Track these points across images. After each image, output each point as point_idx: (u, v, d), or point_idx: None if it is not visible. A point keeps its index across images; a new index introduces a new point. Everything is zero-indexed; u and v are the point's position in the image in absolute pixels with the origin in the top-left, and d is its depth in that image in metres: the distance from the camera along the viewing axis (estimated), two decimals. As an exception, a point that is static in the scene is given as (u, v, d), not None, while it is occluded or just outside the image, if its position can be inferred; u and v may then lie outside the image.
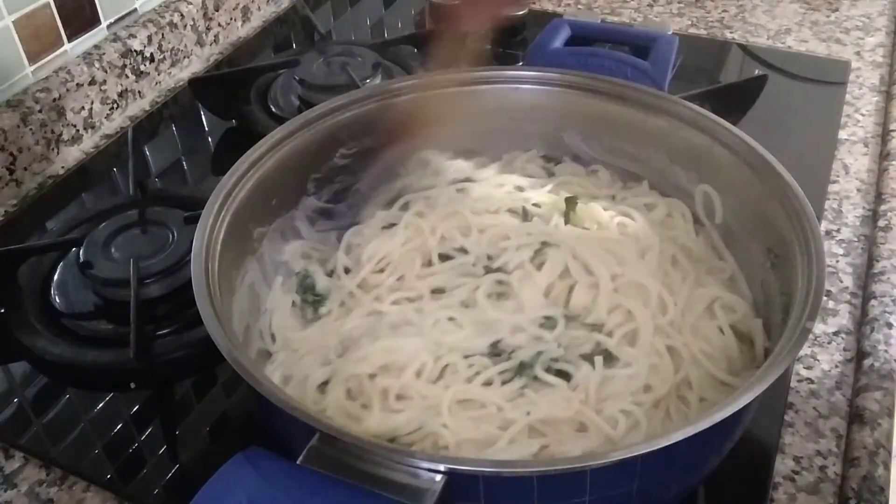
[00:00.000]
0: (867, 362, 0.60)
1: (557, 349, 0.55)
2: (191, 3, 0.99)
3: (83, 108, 0.88)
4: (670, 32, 0.82)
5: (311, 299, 0.62)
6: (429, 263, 0.62)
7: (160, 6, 0.97)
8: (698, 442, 0.43)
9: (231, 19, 1.06)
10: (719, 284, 0.60)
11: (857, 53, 0.97)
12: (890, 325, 0.62)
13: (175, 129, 0.92)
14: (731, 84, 0.87)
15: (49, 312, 0.66)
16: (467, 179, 0.70)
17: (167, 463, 0.57)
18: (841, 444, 0.56)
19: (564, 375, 0.54)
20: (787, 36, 1.01)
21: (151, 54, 0.95)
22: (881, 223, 0.72)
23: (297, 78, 0.89)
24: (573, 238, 0.62)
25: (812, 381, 0.61)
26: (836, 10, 1.06)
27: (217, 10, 1.03)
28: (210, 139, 0.90)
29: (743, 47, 0.99)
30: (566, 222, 0.65)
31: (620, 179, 0.70)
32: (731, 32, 1.02)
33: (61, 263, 0.70)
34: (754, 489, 0.54)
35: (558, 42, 0.86)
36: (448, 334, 0.57)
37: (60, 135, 0.86)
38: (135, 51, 0.92)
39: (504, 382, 0.54)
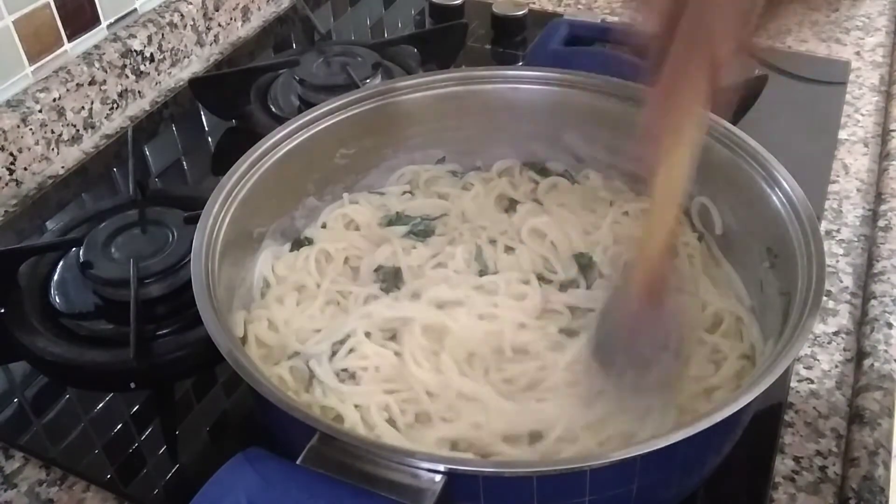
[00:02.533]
0: (867, 362, 0.60)
1: None
2: (191, 3, 0.99)
3: (83, 108, 0.88)
4: (670, 32, 0.82)
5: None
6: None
7: (160, 6, 0.97)
8: (698, 442, 0.43)
9: (231, 19, 1.06)
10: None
11: (857, 53, 0.97)
12: (890, 325, 0.62)
13: (175, 129, 0.92)
14: (730, 84, 0.87)
15: (49, 312, 0.66)
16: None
17: (167, 463, 0.57)
18: (841, 444, 0.56)
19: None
20: (787, 36, 1.01)
21: (151, 54, 0.95)
22: (881, 223, 0.72)
23: (297, 78, 0.88)
24: None
25: (812, 381, 0.61)
26: (836, 10, 1.06)
27: (217, 10, 1.03)
28: (210, 139, 0.90)
29: (743, 47, 0.99)
30: None
31: (619, 180, 0.70)
32: (731, 32, 1.02)
33: (61, 263, 0.70)
34: (754, 489, 0.54)
35: (558, 42, 0.86)
36: None
37: (60, 135, 0.86)
38: (135, 51, 0.92)
39: None
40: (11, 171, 0.81)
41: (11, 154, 0.81)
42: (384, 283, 0.62)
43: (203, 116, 0.91)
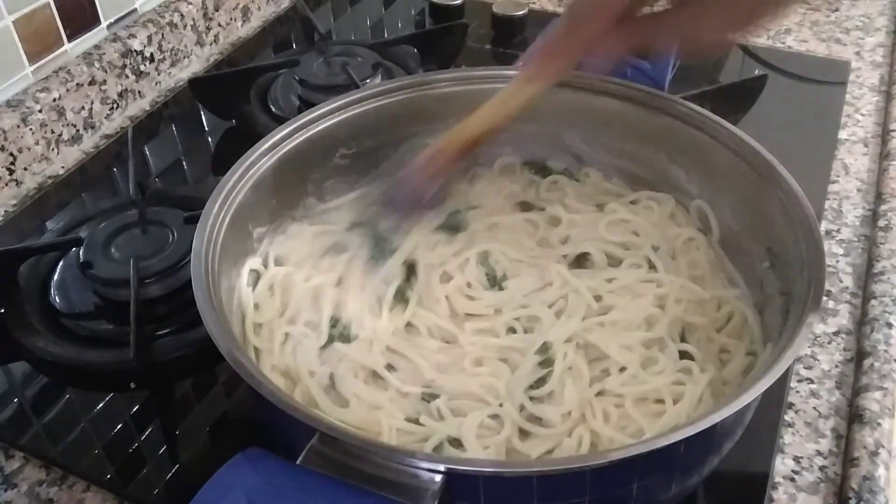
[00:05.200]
0: (867, 362, 0.60)
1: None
2: (191, 3, 0.99)
3: (83, 108, 0.88)
4: (670, 32, 0.82)
5: None
6: None
7: (160, 6, 0.97)
8: (698, 442, 0.43)
9: (231, 19, 1.06)
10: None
11: (857, 53, 0.97)
12: (890, 325, 0.62)
13: (175, 129, 0.92)
14: (731, 84, 0.87)
15: (49, 312, 0.66)
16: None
17: (167, 463, 0.57)
18: (841, 444, 0.56)
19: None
20: (787, 36, 1.01)
21: (151, 54, 0.95)
22: (881, 223, 0.72)
23: (297, 78, 0.88)
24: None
25: (812, 381, 0.61)
26: (836, 10, 1.06)
27: (217, 10, 1.03)
28: (210, 139, 0.90)
29: (743, 47, 0.99)
30: None
31: (619, 179, 0.69)
32: (731, 32, 1.02)
33: (61, 263, 0.70)
34: (754, 489, 0.54)
35: (558, 42, 0.85)
36: None
37: (60, 135, 0.86)
38: (135, 51, 0.92)
39: None
40: (11, 171, 0.81)
41: (11, 154, 0.81)
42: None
43: (203, 116, 0.91)
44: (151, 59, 0.95)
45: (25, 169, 0.83)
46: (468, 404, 0.53)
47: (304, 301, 0.60)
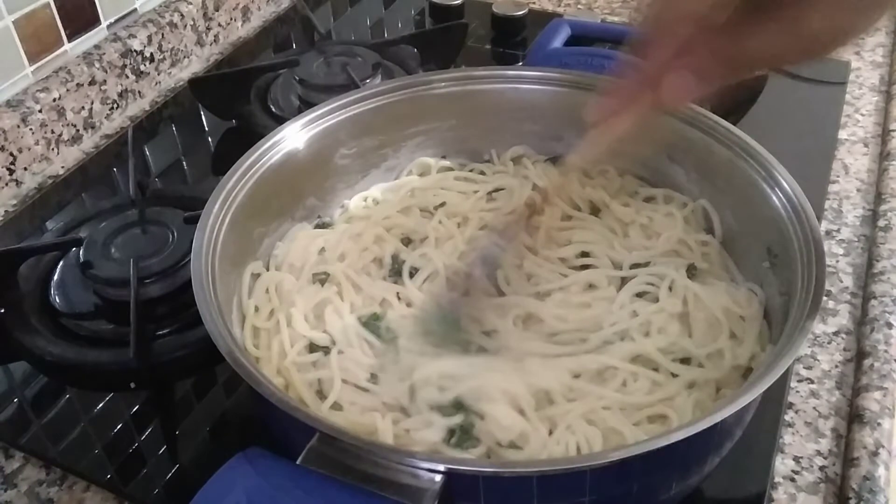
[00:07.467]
0: (867, 362, 0.60)
1: None
2: (191, 3, 0.99)
3: (83, 108, 0.88)
4: (670, 32, 0.82)
5: None
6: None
7: (160, 6, 0.97)
8: (698, 442, 0.43)
9: (231, 19, 1.06)
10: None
11: (857, 53, 0.97)
12: (890, 325, 0.62)
13: (175, 129, 0.92)
14: (730, 84, 0.87)
15: (49, 312, 0.66)
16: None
17: (167, 463, 0.57)
18: (841, 444, 0.56)
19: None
20: (787, 36, 1.01)
21: (151, 54, 0.95)
22: (881, 223, 0.72)
23: (297, 78, 0.88)
24: None
25: (812, 381, 0.61)
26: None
27: (217, 10, 1.03)
28: (210, 139, 0.90)
29: (743, 47, 0.99)
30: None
31: (633, 176, 0.69)
32: (731, 32, 1.02)
33: (61, 263, 0.70)
34: (754, 489, 0.54)
35: (558, 42, 0.86)
36: None
37: (60, 135, 0.86)
38: (135, 51, 0.92)
39: None
40: (11, 171, 0.81)
41: (11, 154, 0.81)
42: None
43: (203, 116, 0.91)
44: (151, 59, 0.95)
45: (25, 169, 0.83)
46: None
47: (301, 305, 0.60)
